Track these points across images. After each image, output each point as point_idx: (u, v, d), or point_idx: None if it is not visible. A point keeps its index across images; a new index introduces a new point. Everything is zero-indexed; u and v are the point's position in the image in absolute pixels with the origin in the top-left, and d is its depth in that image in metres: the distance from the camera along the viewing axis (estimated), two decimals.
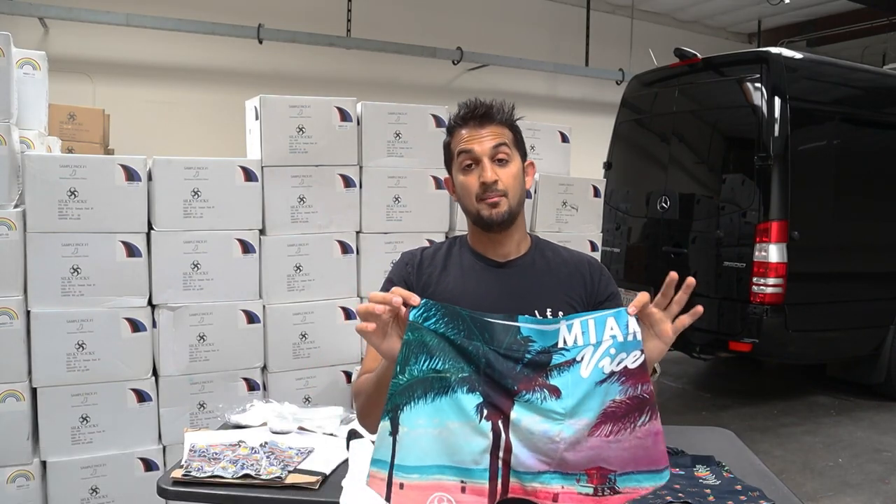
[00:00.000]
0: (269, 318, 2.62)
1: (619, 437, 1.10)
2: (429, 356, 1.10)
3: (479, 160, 1.31)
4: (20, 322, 2.26)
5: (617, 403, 1.10)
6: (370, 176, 2.77)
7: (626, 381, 1.10)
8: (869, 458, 3.82)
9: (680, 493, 1.68)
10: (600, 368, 1.10)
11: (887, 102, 4.78)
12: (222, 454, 1.80)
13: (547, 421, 1.10)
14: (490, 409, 1.11)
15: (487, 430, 1.10)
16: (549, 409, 1.10)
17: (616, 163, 5.37)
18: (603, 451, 1.10)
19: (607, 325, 1.11)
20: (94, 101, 5.25)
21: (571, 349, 1.12)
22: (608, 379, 1.10)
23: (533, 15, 7.71)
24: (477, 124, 1.33)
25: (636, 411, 1.10)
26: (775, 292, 4.08)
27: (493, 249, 1.38)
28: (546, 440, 1.10)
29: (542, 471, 1.10)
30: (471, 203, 1.33)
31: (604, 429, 1.10)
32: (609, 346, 1.10)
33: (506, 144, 1.33)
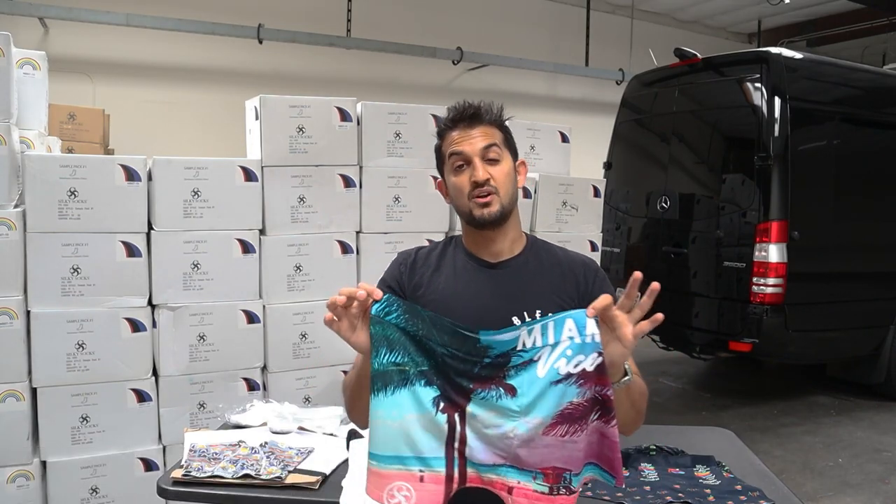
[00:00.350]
0: (269, 318, 2.62)
1: (575, 437, 1.10)
2: (389, 349, 1.13)
3: (471, 160, 1.32)
4: (20, 322, 2.26)
5: (574, 406, 1.10)
6: (370, 176, 2.77)
7: (584, 383, 1.09)
8: (869, 458, 3.82)
9: (680, 493, 1.68)
10: (556, 369, 1.10)
11: (887, 102, 4.78)
12: (222, 454, 1.80)
13: (501, 417, 1.12)
14: (446, 402, 1.14)
15: (443, 422, 1.14)
16: (504, 407, 1.12)
17: (616, 163, 5.37)
18: (558, 451, 1.11)
19: (566, 327, 1.11)
20: (94, 101, 5.25)
21: (530, 350, 1.13)
22: (565, 380, 1.10)
23: (533, 15, 7.72)
24: (466, 125, 1.33)
25: (591, 413, 1.10)
26: (775, 292, 4.08)
27: (485, 249, 1.38)
28: (500, 436, 1.12)
29: (497, 464, 1.13)
30: (463, 203, 1.34)
31: (559, 429, 1.11)
32: (566, 346, 1.10)
33: (496, 144, 1.33)
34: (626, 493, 1.70)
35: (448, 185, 1.38)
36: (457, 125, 1.34)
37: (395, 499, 1.15)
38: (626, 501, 1.66)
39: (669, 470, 1.84)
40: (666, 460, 1.88)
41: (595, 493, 1.71)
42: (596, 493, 1.71)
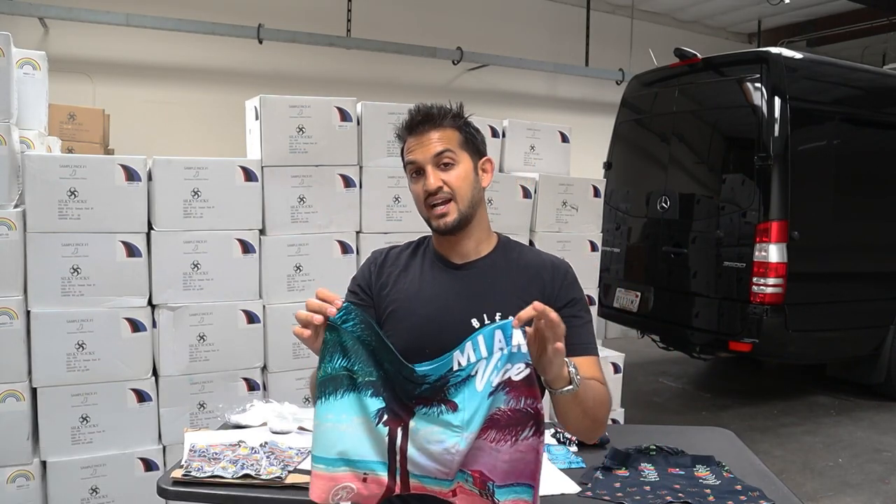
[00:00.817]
0: (269, 318, 2.62)
1: (500, 446, 1.11)
2: (343, 355, 1.15)
3: (423, 168, 1.30)
4: (20, 322, 2.26)
5: (501, 412, 1.11)
6: (370, 176, 2.77)
7: (510, 392, 1.10)
8: (869, 458, 3.82)
9: (680, 493, 1.68)
10: (490, 381, 1.11)
11: (887, 102, 4.78)
12: (222, 454, 1.80)
13: (444, 432, 1.13)
14: (390, 415, 1.16)
15: (384, 434, 1.15)
16: (446, 421, 1.13)
17: (616, 163, 5.37)
18: (484, 456, 1.12)
19: (495, 338, 1.10)
20: (94, 101, 5.24)
21: (466, 367, 1.13)
22: (496, 390, 1.11)
23: (533, 15, 7.71)
24: (420, 132, 1.31)
25: (519, 425, 1.10)
26: (775, 292, 4.08)
27: (452, 250, 1.38)
28: (442, 451, 1.13)
29: (439, 478, 1.15)
30: (423, 211, 1.34)
31: (487, 434, 1.12)
32: (499, 357, 1.10)
33: (450, 150, 1.30)
34: (626, 494, 1.70)
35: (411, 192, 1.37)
36: (411, 132, 1.33)
37: (338, 496, 1.16)
38: (626, 501, 1.66)
39: (669, 470, 1.84)
40: (666, 460, 1.88)
41: (595, 494, 1.71)
42: (596, 494, 1.71)
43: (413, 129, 1.32)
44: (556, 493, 1.68)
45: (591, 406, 1.19)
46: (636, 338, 5.28)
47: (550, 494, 1.64)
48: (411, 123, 1.33)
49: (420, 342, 1.26)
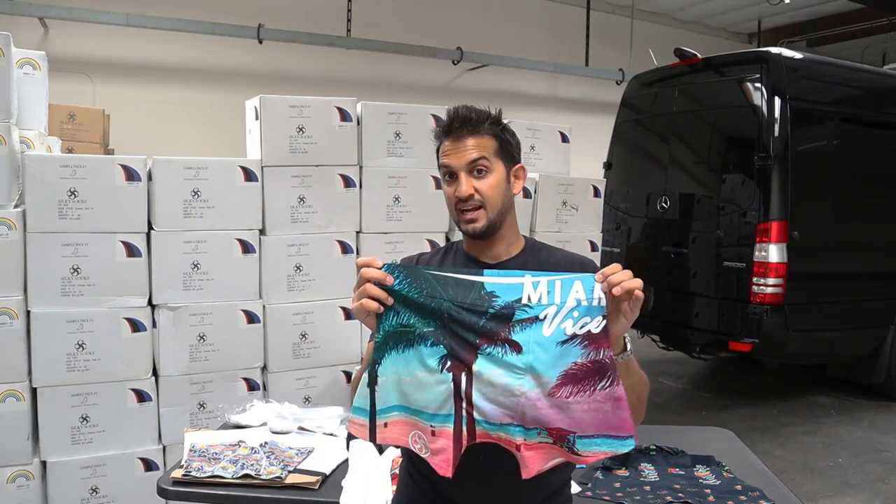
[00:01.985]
0: (269, 318, 2.62)
1: (579, 398, 1.12)
2: (396, 313, 1.18)
3: (456, 174, 1.32)
4: (20, 322, 2.26)
5: (578, 366, 1.12)
6: (370, 176, 2.77)
7: (589, 344, 1.12)
8: (869, 458, 3.82)
9: (680, 493, 1.68)
10: (562, 329, 1.13)
11: (887, 102, 4.78)
12: (222, 454, 1.80)
13: (508, 374, 1.14)
14: (453, 360, 1.16)
15: (448, 380, 1.16)
16: (510, 363, 1.14)
17: (616, 163, 5.37)
18: (562, 412, 1.13)
19: (573, 288, 1.13)
20: (94, 101, 5.25)
21: (535, 307, 1.14)
22: (570, 341, 1.12)
23: (533, 15, 7.72)
24: (456, 136, 1.32)
25: (596, 375, 1.12)
26: (775, 292, 4.08)
27: (483, 252, 1.39)
28: (507, 393, 1.14)
29: (504, 423, 1.15)
30: (453, 214, 1.36)
31: (564, 390, 1.13)
32: (573, 308, 1.13)
33: (485, 157, 1.31)
34: (626, 493, 1.70)
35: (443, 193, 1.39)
36: (448, 134, 1.33)
37: (417, 444, 1.19)
38: (626, 501, 1.66)
39: (669, 470, 1.84)
40: (666, 460, 1.88)
41: (595, 494, 1.71)
42: (596, 494, 1.71)
43: (450, 133, 1.33)
44: None
45: (637, 382, 1.24)
46: (636, 338, 5.28)
47: None
48: (449, 127, 1.33)
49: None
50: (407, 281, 1.18)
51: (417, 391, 1.18)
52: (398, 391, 1.19)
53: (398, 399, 1.19)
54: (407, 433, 1.20)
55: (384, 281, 1.17)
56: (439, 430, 1.17)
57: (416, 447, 1.19)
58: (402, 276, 1.18)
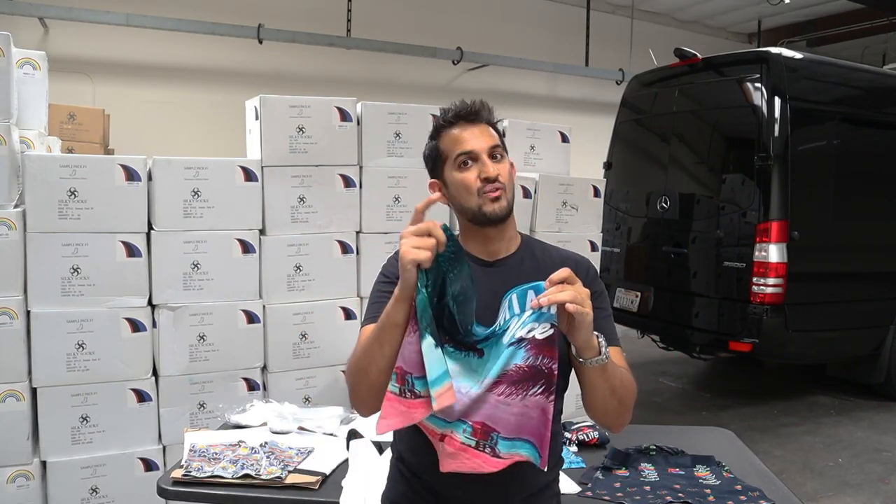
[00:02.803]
0: (269, 318, 2.62)
1: (510, 399, 1.15)
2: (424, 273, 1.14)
3: (479, 157, 1.32)
4: (20, 322, 2.26)
5: (517, 368, 1.15)
6: (370, 176, 2.77)
7: (531, 349, 1.15)
8: (869, 458, 3.82)
9: (680, 493, 1.68)
10: (514, 334, 1.16)
11: (887, 102, 4.78)
12: (222, 454, 1.80)
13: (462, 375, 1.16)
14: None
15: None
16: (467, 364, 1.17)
17: (616, 163, 5.37)
18: (491, 409, 1.15)
19: (528, 297, 1.17)
20: (94, 101, 5.25)
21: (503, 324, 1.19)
22: (517, 343, 1.15)
23: (533, 15, 7.71)
24: (468, 123, 1.34)
25: (530, 380, 1.15)
26: (775, 292, 4.08)
27: (483, 248, 1.39)
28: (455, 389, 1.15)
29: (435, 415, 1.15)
30: (470, 199, 1.33)
31: (498, 388, 1.15)
32: (528, 315, 1.16)
33: (499, 146, 1.35)
34: (626, 494, 1.70)
35: (450, 183, 1.37)
36: (458, 123, 1.34)
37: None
38: (626, 501, 1.66)
39: (669, 470, 1.84)
40: (666, 460, 1.88)
41: (595, 494, 1.71)
42: (596, 494, 1.71)
43: (461, 121, 1.34)
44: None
45: (618, 385, 1.22)
46: (636, 338, 5.28)
47: None
48: (463, 114, 1.34)
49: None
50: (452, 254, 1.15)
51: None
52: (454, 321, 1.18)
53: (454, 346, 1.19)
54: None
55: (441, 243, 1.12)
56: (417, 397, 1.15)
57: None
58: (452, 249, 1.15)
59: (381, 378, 1.17)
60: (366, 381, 1.21)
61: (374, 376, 1.19)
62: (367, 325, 1.28)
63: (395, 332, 1.15)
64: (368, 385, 1.20)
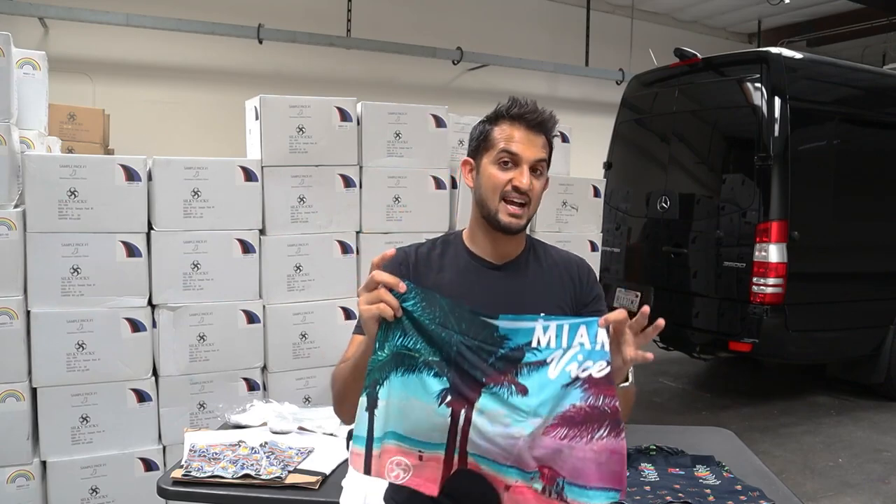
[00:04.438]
0: (269, 318, 2.62)
1: (573, 443, 1.12)
2: (403, 333, 1.14)
3: (520, 164, 1.31)
4: (20, 322, 2.26)
5: (576, 409, 1.12)
6: (370, 176, 2.77)
7: (589, 388, 1.12)
8: (869, 458, 3.82)
9: (680, 493, 1.68)
10: (567, 372, 1.13)
11: (887, 102, 4.78)
12: (222, 454, 1.80)
13: (510, 416, 1.13)
14: (455, 395, 1.14)
15: (447, 415, 1.14)
16: (514, 405, 1.13)
17: (616, 163, 5.37)
18: (555, 453, 1.12)
19: (578, 332, 1.14)
20: (94, 101, 5.25)
21: (543, 350, 1.14)
22: (572, 383, 1.13)
23: (533, 15, 7.71)
24: (528, 128, 1.32)
25: (595, 423, 1.12)
26: (775, 292, 4.07)
27: (491, 249, 1.39)
28: (505, 436, 1.13)
29: (499, 462, 1.14)
30: (493, 199, 1.33)
31: (559, 431, 1.12)
32: (577, 352, 1.13)
33: (545, 161, 1.34)
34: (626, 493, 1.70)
35: (482, 173, 1.35)
36: (519, 121, 1.32)
37: (393, 472, 1.14)
38: (626, 501, 1.66)
39: (669, 470, 1.84)
40: (666, 460, 1.88)
41: None
42: None
43: (522, 122, 1.32)
44: None
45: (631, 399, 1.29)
46: None
47: None
48: (526, 117, 1.32)
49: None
50: (421, 305, 1.14)
51: (412, 417, 1.14)
52: (396, 415, 1.14)
53: (393, 424, 1.15)
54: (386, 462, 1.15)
55: (397, 287, 1.13)
56: (427, 454, 1.15)
57: (391, 476, 1.14)
58: (418, 299, 1.14)
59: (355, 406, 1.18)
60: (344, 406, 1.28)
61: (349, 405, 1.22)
62: (356, 335, 1.28)
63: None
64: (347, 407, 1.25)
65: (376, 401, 1.14)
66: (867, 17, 7.97)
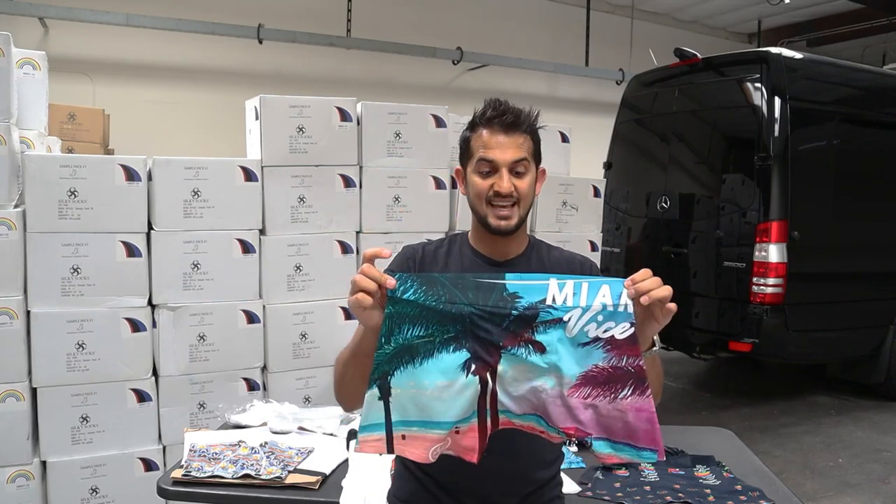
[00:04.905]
0: (269, 318, 2.62)
1: (596, 402, 1.13)
2: (412, 325, 1.14)
3: (498, 169, 1.32)
4: (20, 322, 2.26)
5: (599, 369, 1.12)
6: (370, 176, 2.77)
7: (611, 349, 1.12)
8: (869, 458, 3.82)
9: (680, 493, 1.68)
10: (585, 332, 1.12)
11: (887, 102, 4.78)
12: (222, 454, 1.80)
13: (531, 373, 1.14)
14: (477, 363, 1.15)
15: (475, 382, 1.15)
16: (533, 363, 1.14)
17: (616, 163, 5.37)
18: (579, 413, 1.13)
19: (600, 292, 1.13)
20: (94, 101, 5.24)
21: (560, 308, 1.13)
22: (592, 343, 1.12)
23: (533, 15, 7.71)
24: (501, 130, 1.32)
25: (618, 382, 1.12)
26: (775, 292, 4.07)
27: (494, 249, 1.40)
28: (531, 389, 1.14)
29: (528, 412, 1.16)
30: (480, 206, 1.35)
31: (582, 391, 1.13)
32: (598, 312, 1.12)
33: (526, 159, 1.33)
34: (626, 494, 1.70)
35: (468, 182, 1.37)
36: (491, 125, 1.33)
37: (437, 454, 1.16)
38: (626, 501, 1.66)
39: (669, 470, 1.84)
40: (666, 460, 1.88)
41: (595, 494, 1.71)
42: (596, 494, 1.71)
43: (495, 125, 1.32)
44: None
45: (660, 372, 1.31)
46: None
47: None
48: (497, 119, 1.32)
49: None
50: (422, 290, 1.14)
51: (439, 403, 1.14)
52: (416, 405, 1.14)
53: (417, 414, 1.15)
54: (427, 448, 1.16)
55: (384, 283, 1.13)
56: (464, 428, 1.16)
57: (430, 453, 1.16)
58: (417, 286, 1.14)
59: (357, 391, 1.19)
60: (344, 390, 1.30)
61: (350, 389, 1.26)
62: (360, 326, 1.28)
63: (366, 360, 1.16)
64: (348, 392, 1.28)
65: (389, 389, 1.14)
66: (867, 17, 7.96)
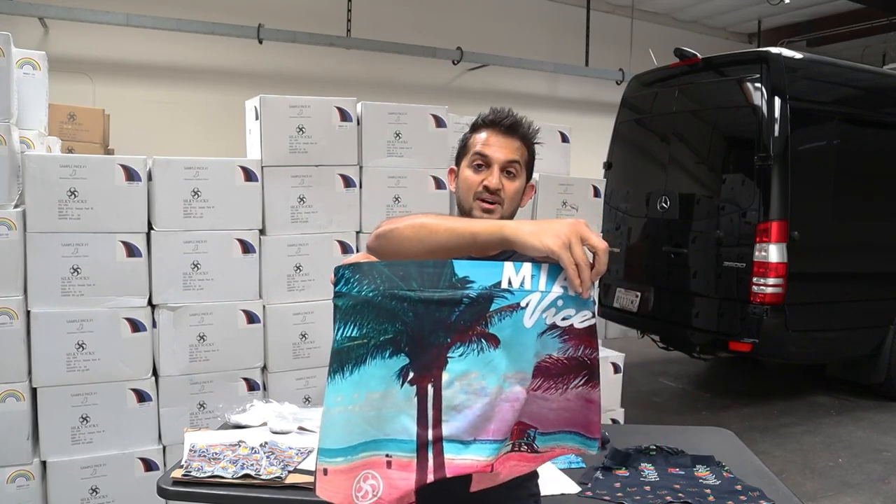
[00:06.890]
0: (269, 318, 2.62)
1: (548, 394, 1.04)
2: (342, 325, 1.00)
3: (491, 165, 1.35)
4: (20, 322, 2.26)
5: (553, 360, 1.03)
6: (370, 176, 2.77)
7: (569, 339, 1.02)
8: (869, 458, 3.82)
9: (680, 493, 1.68)
10: (543, 319, 1.01)
11: (887, 102, 4.78)
12: (222, 454, 1.80)
13: (486, 377, 1.01)
14: (416, 371, 1.01)
15: (412, 395, 1.01)
16: (486, 361, 1.01)
17: (616, 163, 5.37)
18: (527, 406, 1.03)
19: (560, 276, 1.01)
20: (94, 101, 5.24)
21: (516, 292, 1.01)
22: (549, 331, 1.02)
23: (533, 15, 7.71)
24: (500, 132, 1.36)
25: (571, 373, 1.04)
26: (775, 292, 4.07)
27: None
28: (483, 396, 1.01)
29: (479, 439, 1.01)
30: (467, 199, 1.37)
31: (533, 383, 1.03)
32: (557, 296, 1.01)
33: (518, 162, 1.37)
34: (626, 494, 1.70)
35: (460, 177, 1.41)
36: (492, 127, 1.37)
37: (362, 491, 1.00)
38: (626, 501, 1.66)
39: (669, 470, 1.84)
40: (666, 460, 1.88)
41: (595, 494, 1.71)
42: (596, 494, 1.71)
43: (495, 127, 1.37)
44: (556, 493, 1.68)
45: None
46: (636, 338, 5.28)
47: (550, 494, 1.64)
48: (497, 121, 1.37)
49: None
50: (355, 279, 0.99)
51: (371, 418, 1.00)
52: (343, 426, 0.99)
53: (343, 438, 1.00)
54: (352, 481, 1.00)
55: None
56: (396, 459, 1.00)
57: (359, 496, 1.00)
58: (349, 276, 1.00)
59: (400, 253, 1.12)
60: (392, 243, 1.17)
61: (395, 248, 1.15)
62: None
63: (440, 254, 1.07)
64: (393, 247, 1.17)
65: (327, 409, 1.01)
66: (867, 17, 7.96)
